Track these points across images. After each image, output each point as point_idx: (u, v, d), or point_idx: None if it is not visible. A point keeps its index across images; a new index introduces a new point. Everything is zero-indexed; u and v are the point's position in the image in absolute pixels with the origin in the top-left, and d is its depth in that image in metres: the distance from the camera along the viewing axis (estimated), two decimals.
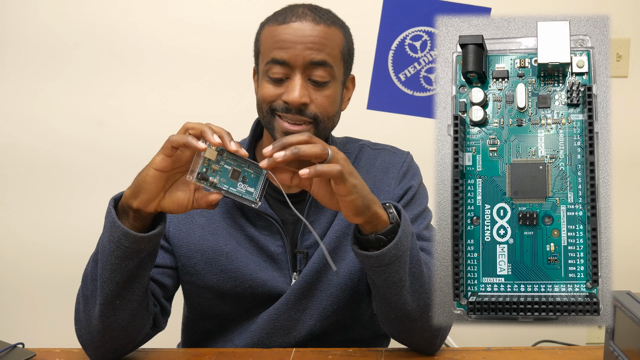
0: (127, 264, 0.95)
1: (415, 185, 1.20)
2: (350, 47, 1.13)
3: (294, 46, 1.04)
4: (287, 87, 1.06)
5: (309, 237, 1.15)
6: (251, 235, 1.15)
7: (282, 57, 1.04)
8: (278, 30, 1.06)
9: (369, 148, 1.23)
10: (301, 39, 1.04)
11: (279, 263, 1.15)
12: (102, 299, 0.97)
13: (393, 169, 1.19)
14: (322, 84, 1.07)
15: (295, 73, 1.05)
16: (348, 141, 1.25)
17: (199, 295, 1.17)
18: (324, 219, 1.16)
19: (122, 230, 0.92)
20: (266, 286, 1.14)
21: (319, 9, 1.10)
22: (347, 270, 1.16)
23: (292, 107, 1.05)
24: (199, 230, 1.15)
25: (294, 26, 1.05)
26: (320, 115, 1.07)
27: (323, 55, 1.05)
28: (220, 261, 1.14)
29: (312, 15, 1.06)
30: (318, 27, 1.05)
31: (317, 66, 1.05)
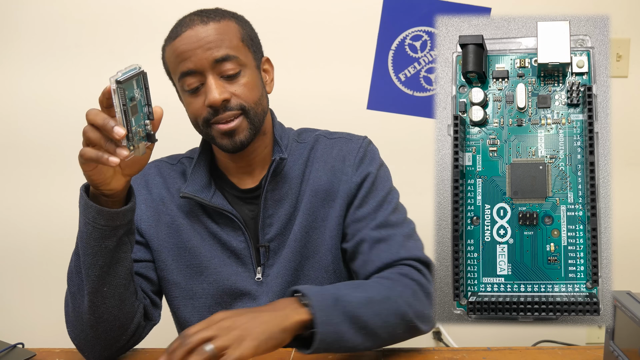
0: (106, 244, 0.96)
1: (374, 171, 1.17)
2: (249, 32, 1.14)
3: (194, 52, 1.06)
4: (205, 92, 1.08)
5: (270, 231, 1.15)
6: (214, 232, 1.16)
7: (189, 67, 1.07)
8: (175, 45, 1.09)
9: (325, 138, 1.22)
10: (197, 43, 1.06)
11: (243, 259, 1.16)
12: (90, 287, 0.98)
13: (349, 157, 1.17)
14: (234, 76, 1.09)
15: (207, 76, 1.07)
16: (303, 131, 1.25)
17: (170, 292, 1.18)
18: (283, 212, 1.16)
19: (95, 209, 0.94)
20: (230, 280, 1.15)
21: (205, 10, 1.12)
22: (320, 265, 1.16)
23: (216, 107, 1.07)
24: (165, 227, 1.17)
25: (185, 35, 1.07)
26: (245, 104, 1.09)
27: (223, 50, 1.07)
28: (185, 257, 1.16)
29: (199, 18, 1.09)
30: (208, 27, 1.08)
31: (222, 62, 1.07)
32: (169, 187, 1.19)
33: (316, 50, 1.84)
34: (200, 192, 1.14)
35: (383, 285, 1.02)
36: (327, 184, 1.16)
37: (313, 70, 1.86)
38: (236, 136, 1.09)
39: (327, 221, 1.15)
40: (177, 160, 1.23)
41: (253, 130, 1.11)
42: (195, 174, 1.16)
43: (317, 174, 1.17)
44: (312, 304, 0.91)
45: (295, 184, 1.16)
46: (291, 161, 1.18)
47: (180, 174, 1.20)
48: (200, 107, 1.09)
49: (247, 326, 0.87)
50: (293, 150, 1.19)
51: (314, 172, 1.17)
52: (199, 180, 1.16)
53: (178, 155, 1.25)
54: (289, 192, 1.16)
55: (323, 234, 1.15)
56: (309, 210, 1.15)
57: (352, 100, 1.86)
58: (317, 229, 1.15)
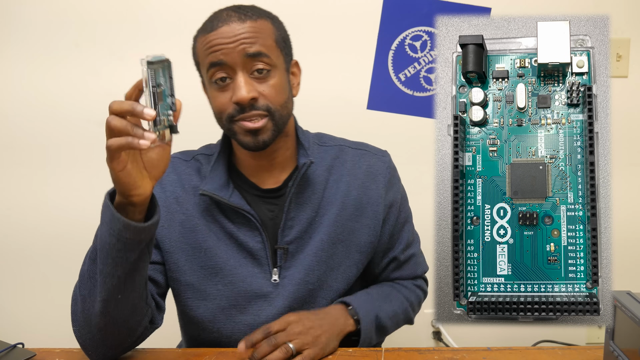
0: (128, 256, 0.95)
1: (401, 192, 1.26)
2: (283, 34, 1.15)
3: (227, 46, 1.06)
4: (233, 88, 1.08)
5: (289, 233, 1.15)
6: (230, 232, 1.15)
7: (219, 59, 1.07)
8: (208, 38, 1.08)
9: (350, 149, 1.24)
10: (231, 38, 1.07)
11: (259, 259, 1.15)
12: (104, 294, 0.97)
13: (380, 177, 1.22)
14: (264, 74, 1.09)
15: (236, 72, 1.07)
16: (322, 136, 1.26)
17: (182, 293, 1.17)
18: (304, 215, 1.16)
19: (122, 222, 0.92)
20: (246, 282, 1.14)
21: (243, 7, 1.12)
22: (343, 276, 1.19)
23: (243, 105, 1.07)
24: (179, 227, 1.16)
25: (221, 30, 1.07)
26: (272, 106, 1.09)
27: (257, 46, 1.07)
28: (199, 258, 1.15)
29: (237, 14, 1.09)
30: (245, 24, 1.08)
31: (254, 58, 1.07)
32: (184, 185, 1.18)
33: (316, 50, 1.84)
34: (219, 191, 1.13)
35: (403, 294, 1.24)
36: (356, 200, 1.19)
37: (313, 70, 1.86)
38: (260, 135, 1.09)
39: (354, 235, 1.18)
40: (191, 157, 1.22)
41: (276, 131, 1.11)
42: (214, 172, 1.15)
43: (346, 187, 1.19)
44: (361, 320, 1.12)
45: (318, 189, 1.17)
46: (314, 165, 1.18)
47: (195, 171, 1.19)
48: (226, 102, 1.09)
49: (315, 332, 1.05)
50: (315, 153, 1.20)
51: (343, 185, 1.19)
52: (217, 179, 1.15)
53: (191, 151, 1.24)
54: (312, 196, 1.17)
55: (349, 247, 1.18)
56: (337, 221, 1.17)
57: (352, 100, 1.86)
58: (344, 241, 1.18)
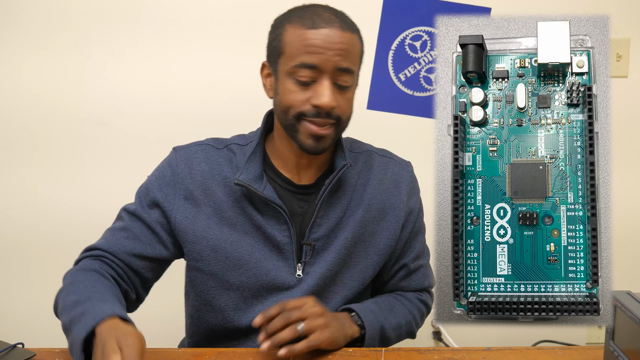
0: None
1: (419, 202, 1.28)
2: (363, 50, 1.18)
3: (325, 52, 1.07)
4: (314, 91, 1.09)
5: (318, 230, 1.17)
6: (258, 224, 1.16)
7: (313, 62, 1.08)
8: (308, 34, 1.08)
9: (377, 155, 1.27)
10: (331, 45, 1.08)
11: (285, 253, 1.17)
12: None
13: (403, 185, 1.24)
14: (346, 89, 1.11)
15: (324, 77, 1.09)
16: (352, 141, 1.28)
17: (204, 282, 1.19)
18: (333, 215, 1.18)
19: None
20: (270, 275, 1.16)
21: (342, 15, 1.14)
22: (359, 275, 1.20)
23: (322, 110, 1.09)
24: (205, 219, 1.16)
25: (323, 32, 1.08)
26: (342, 117, 1.12)
27: (349, 62, 1.09)
28: (225, 249, 1.16)
29: (339, 22, 1.10)
30: (345, 35, 1.09)
31: (343, 72, 1.09)
32: (214, 175, 1.18)
33: None
34: (253, 182, 1.14)
35: (407, 308, 1.23)
36: (380, 203, 1.21)
37: None
38: (322, 142, 1.11)
39: (374, 237, 1.20)
40: (224, 145, 1.21)
41: (335, 140, 1.14)
42: (250, 163, 1.16)
43: (373, 190, 1.21)
44: (366, 327, 1.12)
45: (349, 191, 1.19)
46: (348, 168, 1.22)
47: (227, 161, 1.19)
48: (302, 100, 1.09)
49: (327, 318, 1.05)
50: (349, 158, 1.22)
51: (370, 188, 1.21)
52: (253, 170, 1.16)
53: (224, 139, 1.24)
54: (342, 197, 1.19)
55: (368, 248, 1.20)
56: (361, 222, 1.18)
57: None
58: (364, 242, 1.19)
